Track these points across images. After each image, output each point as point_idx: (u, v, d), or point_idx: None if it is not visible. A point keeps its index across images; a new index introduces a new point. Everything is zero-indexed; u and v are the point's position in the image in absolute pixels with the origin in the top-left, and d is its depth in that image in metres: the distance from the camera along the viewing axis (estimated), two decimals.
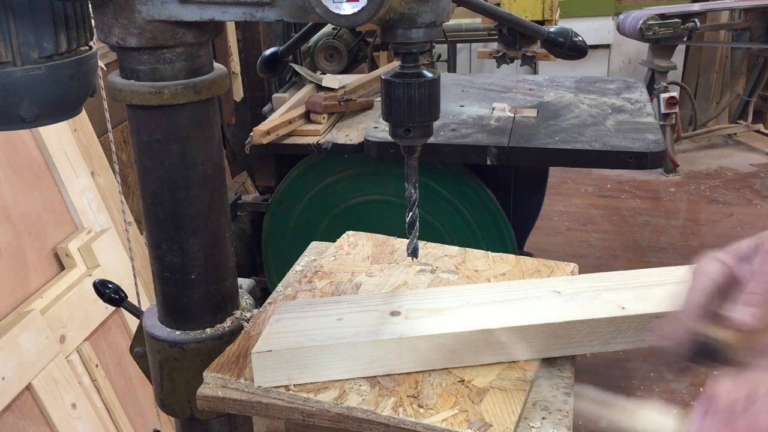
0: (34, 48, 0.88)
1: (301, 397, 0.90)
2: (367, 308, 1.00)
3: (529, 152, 2.41)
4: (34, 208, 2.05)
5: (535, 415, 0.89)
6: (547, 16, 2.65)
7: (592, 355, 0.95)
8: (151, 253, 1.01)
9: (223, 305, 1.05)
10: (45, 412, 1.87)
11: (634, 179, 4.98)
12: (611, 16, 5.88)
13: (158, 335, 1.04)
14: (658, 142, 2.39)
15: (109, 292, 1.21)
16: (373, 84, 3.07)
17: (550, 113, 2.73)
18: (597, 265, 3.86)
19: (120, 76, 0.92)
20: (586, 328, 0.94)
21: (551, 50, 1.13)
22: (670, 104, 4.78)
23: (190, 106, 0.91)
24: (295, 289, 1.15)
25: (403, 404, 0.87)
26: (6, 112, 0.90)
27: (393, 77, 0.86)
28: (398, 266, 1.20)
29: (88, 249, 2.13)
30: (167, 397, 1.08)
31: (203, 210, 0.97)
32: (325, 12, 0.77)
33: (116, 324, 2.24)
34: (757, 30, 5.12)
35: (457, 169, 2.59)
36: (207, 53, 0.93)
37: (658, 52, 4.96)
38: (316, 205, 2.78)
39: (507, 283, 1.08)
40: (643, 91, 3.03)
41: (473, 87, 3.12)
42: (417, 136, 0.88)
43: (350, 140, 2.66)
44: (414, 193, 0.95)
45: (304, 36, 1.22)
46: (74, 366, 2.00)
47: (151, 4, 0.84)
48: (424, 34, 0.83)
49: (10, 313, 1.88)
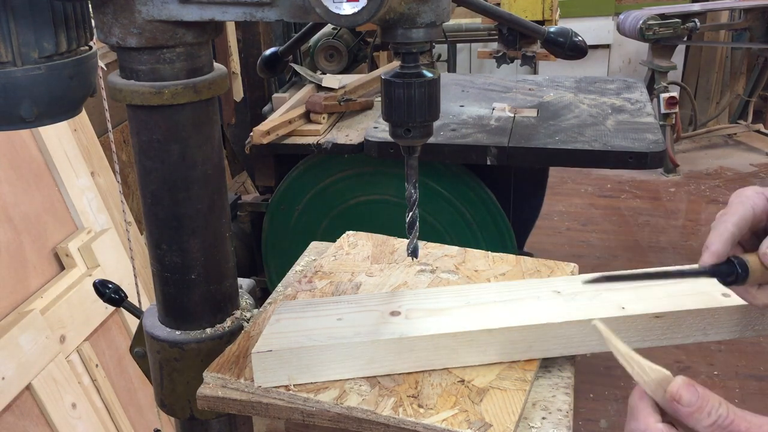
0: (34, 48, 0.88)
1: (301, 397, 0.90)
2: (367, 308, 1.00)
3: (529, 152, 2.41)
4: (34, 208, 2.05)
5: (535, 415, 0.89)
6: (547, 16, 2.66)
7: (592, 355, 0.95)
8: (151, 253, 1.01)
9: (223, 305, 1.05)
10: (45, 412, 1.87)
11: (634, 179, 4.98)
12: (611, 16, 5.89)
13: (158, 335, 1.04)
14: (658, 142, 2.39)
15: (109, 292, 1.21)
16: (373, 84, 3.07)
17: (550, 113, 2.73)
18: (597, 265, 3.86)
19: (120, 76, 0.92)
20: (586, 328, 0.94)
21: (551, 50, 1.13)
22: (670, 104, 4.78)
23: (190, 106, 0.91)
24: (295, 289, 1.15)
25: (403, 404, 0.87)
26: (6, 112, 0.90)
27: (393, 77, 0.85)
28: (398, 266, 1.20)
29: (88, 249, 2.13)
30: (167, 397, 1.08)
31: (203, 210, 0.97)
32: (325, 12, 0.77)
33: (116, 324, 2.24)
34: (757, 30, 5.12)
35: (457, 169, 2.59)
36: (207, 53, 0.93)
37: (658, 52, 4.96)
38: (316, 205, 2.78)
39: (507, 283, 1.08)
40: (643, 91, 3.03)
41: (473, 87, 3.12)
42: (417, 136, 0.88)
43: (350, 140, 2.67)
44: (414, 193, 0.95)
45: (304, 36, 1.22)
46: (74, 366, 2.00)
47: (151, 4, 0.84)
48: (424, 34, 0.83)
49: (10, 313, 1.88)
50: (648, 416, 0.66)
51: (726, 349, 3.18)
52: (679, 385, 0.65)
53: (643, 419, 0.66)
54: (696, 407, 0.63)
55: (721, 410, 0.63)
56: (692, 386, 0.64)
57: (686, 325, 0.96)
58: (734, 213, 0.80)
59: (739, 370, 3.06)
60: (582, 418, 2.82)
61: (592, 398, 2.93)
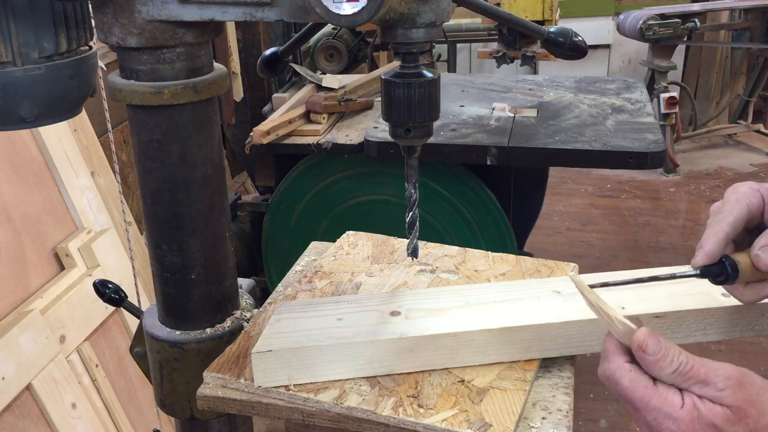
0: (34, 48, 0.88)
1: (301, 397, 0.90)
2: (367, 308, 1.00)
3: (529, 152, 2.41)
4: (34, 208, 2.05)
5: (535, 415, 0.89)
6: (547, 16, 2.66)
7: (592, 355, 0.95)
8: (151, 253, 1.01)
9: (223, 305, 1.05)
10: (45, 412, 1.87)
11: (634, 179, 4.98)
12: (611, 16, 5.89)
13: (158, 335, 1.04)
14: (658, 142, 2.39)
15: (109, 292, 1.21)
16: (373, 84, 3.07)
17: (550, 113, 2.73)
18: (597, 265, 3.86)
19: (120, 76, 0.92)
20: (586, 328, 0.94)
21: (551, 50, 1.13)
22: (670, 104, 4.78)
23: (190, 106, 0.91)
24: (295, 289, 1.15)
25: (403, 404, 0.87)
26: (6, 112, 0.90)
27: (393, 77, 0.85)
28: (398, 266, 1.20)
29: (88, 249, 2.14)
30: (167, 397, 1.07)
31: (203, 210, 0.97)
32: (325, 12, 0.77)
33: (116, 324, 2.24)
34: (757, 30, 5.12)
35: (457, 169, 2.59)
36: (207, 53, 0.93)
37: (658, 52, 4.96)
38: (316, 205, 2.78)
39: (507, 283, 1.08)
40: (643, 91, 3.03)
41: (473, 87, 3.12)
42: (417, 136, 0.88)
43: (350, 140, 2.67)
44: (414, 193, 0.95)
45: (304, 36, 1.23)
46: (74, 366, 2.00)
47: (151, 4, 0.84)
48: (424, 34, 0.83)
49: (10, 313, 1.88)
50: (618, 357, 0.72)
51: (726, 349, 3.18)
52: (644, 334, 0.70)
53: (614, 360, 0.72)
54: (660, 355, 0.69)
55: (682, 357, 0.69)
56: (655, 336, 0.70)
57: (686, 325, 0.96)
58: (730, 212, 0.80)
59: None
60: (582, 418, 2.82)
61: (592, 398, 2.93)
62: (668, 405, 0.68)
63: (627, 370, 0.71)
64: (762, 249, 0.77)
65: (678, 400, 0.68)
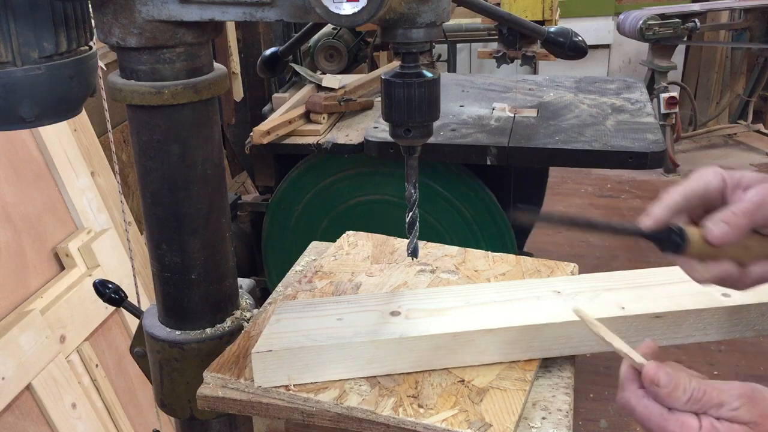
0: (34, 48, 0.88)
1: (301, 397, 0.90)
2: (367, 308, 1.00)
3: (529, 152, 2.41)
4: (34, 208, 2.05)
5: (535, 415, 0.89)
6: (547, 16, 2.66)
7: (592, 355, 0.95)
8: (151, 253, 1.01)
9: (223, 305, 1.05)
10: (45, 412, 1.87)
11: (634, 179, 4.98)
12: (611, 16, 5.88)
13: (158, 335, 1.04)
14: (658, 142, 2.39)
15: (109, 292, 1.21)
16: (373, 84, 3.07)
17: (550, 113, 2.73)
18: (597, 265, 3.86)
19: (120, 76, 0.92)
20: (586, 328, 0.94)
21: (551, 50, 1.13)
22: (670, 104, 4.78)
23: (190, 106, 0.91)
24: (295, 289, 1.15)
25: (403, 404, 0.87)
26: (6, 112, 0.90)
27: (393, 77, 0.85)
28: (398, 266, 1.20)
29: (88, 249, 2.13)
30: (167, 397, 1.07)
31: (203, 210, 0.97)
32: (325, 12, 0.77)
33: (116, 324, 2.24)
34: (757, 30, 5.12)
35: (457, 169, 2.59)
36: (207, 53, 0.93)
37: (658, 52, 4.96)
38: (316, 205, 2.78)
39: (507, 283, 1.08)
40: (643, 91, 3.03)
41: (473, 87, 3.12)
42: (417, 136, 0.88)
43: (350, 140, 2.67)
44: (414, 193, 0.95)
45: (304, 36, 1.22)
46: (74, 366, 2.00)
47: (151, 4, 0.84)
48: (424, 34, 0.83)
49: (10, 313, 1.88)
50: (632, 384, 0.74)
51: (726, 349, 3.18)
52: (654, 369, 0.71)
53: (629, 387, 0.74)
54: (673, 387, 0.70)
55: (693, 384, 0.70)
56: (664, 368, 0.71)
57: (686, 325, 0.96)
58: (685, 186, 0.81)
59: (739, 370, 3.06)
60: (582, 418, 2.82)
61: (592, 398, 2.93)
62: (686, 428, 0.69)
63: (641, 396, 0.72)
64: (714, 222, 0.77)
65: (695, 423, 0.69)
